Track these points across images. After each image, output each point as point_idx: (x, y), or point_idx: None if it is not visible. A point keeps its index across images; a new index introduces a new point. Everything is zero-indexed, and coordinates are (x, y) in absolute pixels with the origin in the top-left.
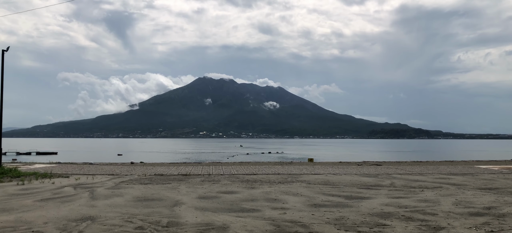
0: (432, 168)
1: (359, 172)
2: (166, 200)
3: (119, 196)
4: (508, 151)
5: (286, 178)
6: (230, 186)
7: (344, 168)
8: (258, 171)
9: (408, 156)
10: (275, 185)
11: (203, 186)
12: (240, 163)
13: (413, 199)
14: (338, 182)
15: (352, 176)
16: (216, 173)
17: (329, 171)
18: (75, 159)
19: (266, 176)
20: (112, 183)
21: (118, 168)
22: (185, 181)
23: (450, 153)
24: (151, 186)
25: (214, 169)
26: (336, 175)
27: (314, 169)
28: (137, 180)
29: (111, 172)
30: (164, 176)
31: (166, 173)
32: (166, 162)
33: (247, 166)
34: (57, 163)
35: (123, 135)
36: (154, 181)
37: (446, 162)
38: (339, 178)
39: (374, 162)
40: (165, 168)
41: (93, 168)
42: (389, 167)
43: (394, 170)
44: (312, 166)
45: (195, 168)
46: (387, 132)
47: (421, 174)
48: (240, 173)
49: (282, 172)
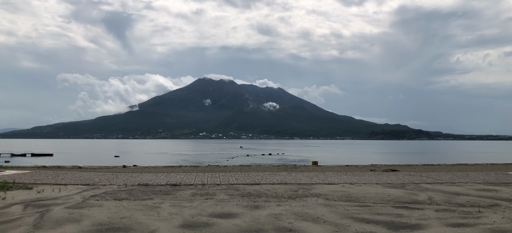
0: (461, 175)
1: (379, 180)
2: (136, 231)
3: (75, 221)
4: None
5: (296, 190)
6: (228, 204)
7: (359, 174)
8: (262, 179)
9: (414, 157)
10: (285, 201)
11: (192, 204)
12: (240, 167)
13: (482, 229)
14: (363, 197)
15: (374, 187)
16: (211, 183)
17: (344, 179)
18: (68, 161)
19: (272, 186)
20: (79, 198)
21: (101, 174)
22: (171, 195)
23: (458, 155)
24: (126, 203)
25: (210, 177)
26: (355, 185)
27: (325, 176)
28: (113, 193)
29: (88, 181)
30: (149, 187)
31: (152, 183)
32: (160, 165)
33: (248, 173)
34: (33, 169)
35: (122, 136)
36: (134, 194)
37: (464, 166)
38: (361, 190)
39: (386, 166)
40: (152, 176)
41: (70, 175)
42: (410, 174)
43: (419, 178)
44: (323, 173)
45: (188, 175)
46: (387, 133)
47: (455, 184)
48: (240, 182)
49: (289, 180)
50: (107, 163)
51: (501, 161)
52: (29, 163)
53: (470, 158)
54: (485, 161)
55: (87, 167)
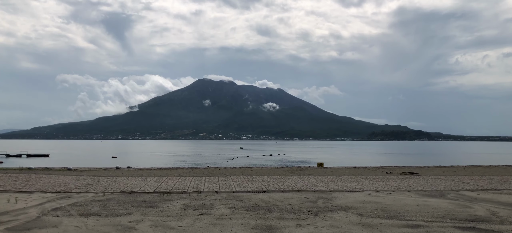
0: (499, 180)
1: (407, 186)
2: None
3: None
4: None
5: (314, 200)
6: (229, 224)
7: (379, 179)
8: (268, 185)
9: (423, 159)
10: (305, 218)
11: (181, 224)
12: (241, 169)
13: None
14: (405, 211)
15: (409, 196)
16: (208, 190)
17: (365, 185)
18: (64, 162)
19: (283, 195)
20: (35, 213)
21: (81, 179)
22: (156, 208)
23: (465, 156)
24: (93, 220)
25: (208, 182)
26: (383, 193)
27: (342, 181)
28: (83, 204)
29: (61, 188)
30: (132, 195)
31: (137, 189)
32: (155, 167)
33: (251, 177)
34: (12, 171)
35: (122, 137)
36: (109, 207)
37: (480, 168)
38: (395, 201)
39: (402, 169)
40: (141, 181)
41: (44, 180)
42: (433, 177)
43: (454, 184)
44: (338, 177)
45: (183, 180)
46: (387, 134)
47: (501, 191)
48: (243, 190)
49: (302, 187)
50: (103, 164)
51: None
52: (22, 164)
53: (478, 159)
54: (496, 162)
55: (77, 169)
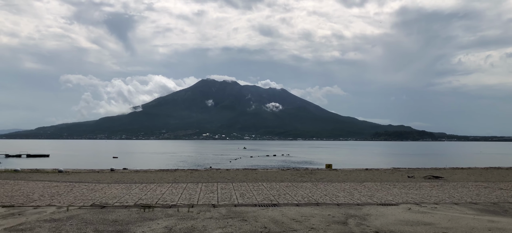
0: None
1: (448, 196)
2: None
3: None
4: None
5: (342, 219)
6: None
7: (411, 187)
8: (278, 195)
9: (431, 159)
10: None
11: None
12: (244, 171)
13: None
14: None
15: (465, 214)
16: (203, 202)
17: (401, 195)
18: (65, 163)
19: (298, 211)
20: None
21: (53, 186)
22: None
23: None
24: None
25: (204, 191)
26: (424, 207)
27: (368, 190)
28: (30, 229)
29: (20, 199)
30: (103, 210)
31: (114, 201)
32: (153, 168)
33: (256, 183)
34: None
35: (126, 137)
36: (65, 231)
37: (499, 170)
38: (452, 221)
39: (420, 170)
40: (123, 189)
41: (10, 186)
42: (475, 184)
43: (503, 193)
44: (361, 184)
45: (174, 187)
46: (391, 134)
47: None
48: (248, 202)
49: (321, 197)
50: (101, 165)
51: None
52: (19, 164)
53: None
54: (511, 163)
55: (69, 170)
